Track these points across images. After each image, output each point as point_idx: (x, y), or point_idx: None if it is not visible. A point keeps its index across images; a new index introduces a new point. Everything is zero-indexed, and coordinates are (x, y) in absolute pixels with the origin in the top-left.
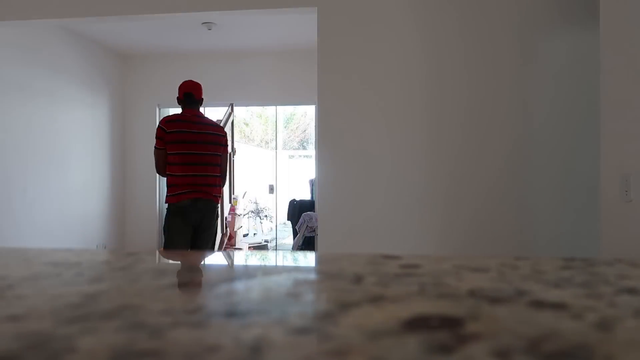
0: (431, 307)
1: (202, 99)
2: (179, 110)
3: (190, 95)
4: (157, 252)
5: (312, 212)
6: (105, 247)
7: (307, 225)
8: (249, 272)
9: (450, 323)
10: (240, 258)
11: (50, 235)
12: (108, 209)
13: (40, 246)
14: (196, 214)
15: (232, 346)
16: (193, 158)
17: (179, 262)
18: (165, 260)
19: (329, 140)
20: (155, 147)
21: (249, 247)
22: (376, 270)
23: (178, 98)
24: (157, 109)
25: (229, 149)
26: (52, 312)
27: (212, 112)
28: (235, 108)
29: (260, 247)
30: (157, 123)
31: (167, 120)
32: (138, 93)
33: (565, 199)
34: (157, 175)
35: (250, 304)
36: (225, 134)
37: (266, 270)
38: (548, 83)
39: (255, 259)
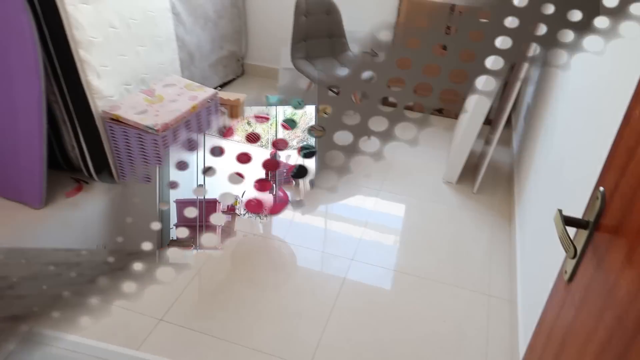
0: None
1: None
2: None
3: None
4: (157, 252)
5: None
6: (105, 247)
7: None
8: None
9: None
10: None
11: (51, 235)
12: (108, 208)
13: (41, 246)
14: None
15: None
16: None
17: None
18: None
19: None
20: None
21: None
22: None
23: None
24: None
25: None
26: (52, 312)
27: None
28: None
29: None
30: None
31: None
32: None
33: None
34: (158, 175)
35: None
36: None
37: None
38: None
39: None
